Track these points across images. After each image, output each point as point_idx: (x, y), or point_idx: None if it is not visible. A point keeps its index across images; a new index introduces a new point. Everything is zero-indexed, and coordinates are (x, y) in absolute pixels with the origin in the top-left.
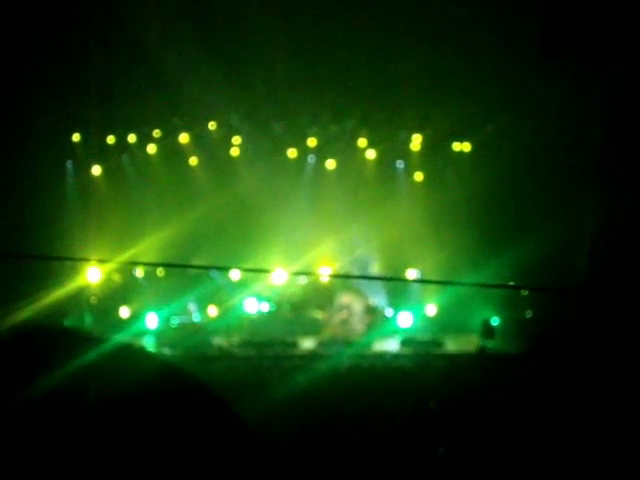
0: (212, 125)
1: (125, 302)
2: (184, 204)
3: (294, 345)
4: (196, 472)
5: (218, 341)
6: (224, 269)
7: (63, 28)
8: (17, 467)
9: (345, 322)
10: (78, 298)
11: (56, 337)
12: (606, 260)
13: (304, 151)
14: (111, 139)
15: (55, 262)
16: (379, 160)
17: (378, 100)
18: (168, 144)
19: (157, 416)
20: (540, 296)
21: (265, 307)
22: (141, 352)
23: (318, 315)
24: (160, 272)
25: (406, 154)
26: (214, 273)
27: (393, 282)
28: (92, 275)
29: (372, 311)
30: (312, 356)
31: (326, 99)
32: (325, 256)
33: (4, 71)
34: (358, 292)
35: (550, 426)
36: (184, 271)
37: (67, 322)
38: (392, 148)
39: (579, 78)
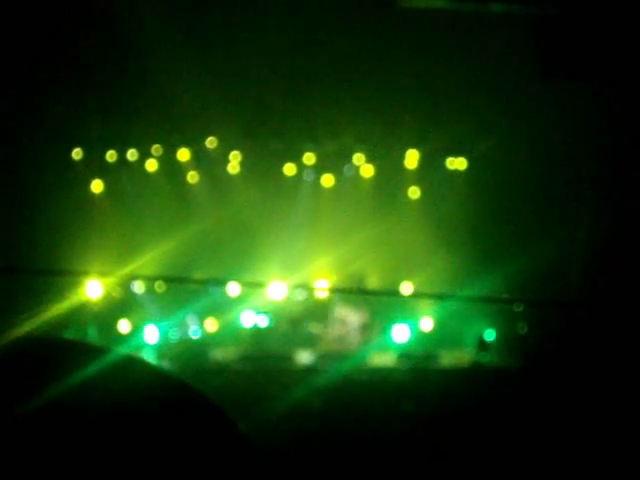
0: (211, 142)
1: (125, 316)
2: (183, 219)
3: (290, 359)
4: None
5: (215, 355)
6: (222, 282)
7: (63, 45)
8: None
9: (341, 336)
10: (79, 312)
11: (56, 348)
12: (601, 275)
13: (300, 167)
14: (111, 155)
15: (56, 276)
16: (375, 175)
17: (375, 116)
18: (167, 159)
19: (158, 427)
20: (536, 310)
21: (262, 321)
22: (142, 363)
23: (314, 329)
24: (159, 287)
25: (402, 169)
26: (212, 287)
27: (389, 296)
28: (92, 289)
29: (368, 325)
30: (308, 370)
31: (322, 115)
32: (322, 270)
33: (4, 85)
34: (354, 306)
35: (546, 440)
36: (183, 285)
37: (67, 334)
38: (388, 164)
39: (577, 97)
